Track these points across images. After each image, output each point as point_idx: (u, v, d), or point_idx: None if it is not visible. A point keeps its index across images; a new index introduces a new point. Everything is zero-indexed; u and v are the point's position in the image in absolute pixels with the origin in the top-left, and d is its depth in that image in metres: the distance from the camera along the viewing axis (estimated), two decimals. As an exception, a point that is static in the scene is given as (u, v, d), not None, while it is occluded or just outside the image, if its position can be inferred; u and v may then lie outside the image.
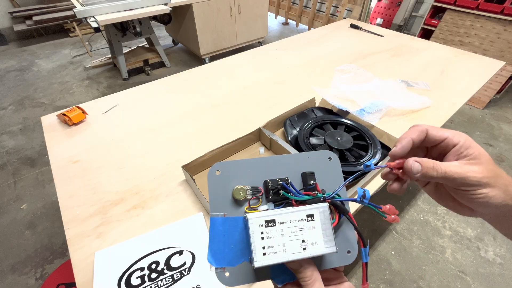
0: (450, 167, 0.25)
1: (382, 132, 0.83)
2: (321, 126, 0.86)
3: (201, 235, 0.60)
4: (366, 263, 0.27)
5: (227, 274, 0.26)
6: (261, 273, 0.27)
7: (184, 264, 0.55)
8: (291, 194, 0.28)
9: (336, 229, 0.28)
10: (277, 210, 0.26)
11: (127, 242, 0.59)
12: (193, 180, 0.66)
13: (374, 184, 0.74)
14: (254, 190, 0.28)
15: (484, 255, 1.38)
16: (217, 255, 0.26)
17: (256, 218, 0.25)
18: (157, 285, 0.52)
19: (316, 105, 0.97)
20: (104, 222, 0.64)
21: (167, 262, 0.56)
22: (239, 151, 0.84)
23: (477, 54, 1.40)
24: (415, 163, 0.26)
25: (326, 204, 0.26)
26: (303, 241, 0.25)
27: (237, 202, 0.28)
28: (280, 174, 0.29)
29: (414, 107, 0.99)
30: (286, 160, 0.30)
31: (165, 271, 0.54)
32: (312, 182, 0.29)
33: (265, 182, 0.28)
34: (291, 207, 0.27)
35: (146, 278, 0.53)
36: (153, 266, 0.55)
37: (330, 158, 0.31)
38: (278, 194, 0.28)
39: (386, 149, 0.80)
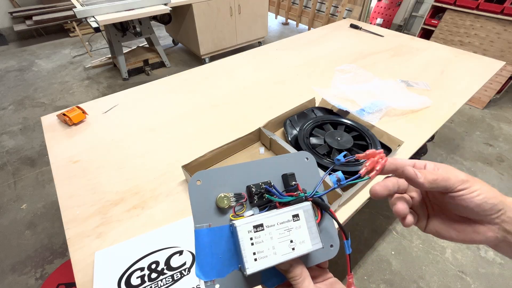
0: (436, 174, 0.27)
1: (382, 132, 0.83)
2: (321, 126, 0.86)
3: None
4: (349, 255, 0.28)
5: (217, 286, 0.25)
6: (252, 280, 0.27)
7: (184, 264, 0.55)
8: (275, 196, 0.28)
9: (319, 226, 0.29)
10: (264, 214, 0.26)
11: (127, 242, 0.59)
12: (193, 180, 0.66)
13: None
14: (238, 196, 0.28)
15: (484, 255, 1.38)
16: (205, 268, 0.25)
17: (244, 225, 0.25)
18: (157, 285, 0.52)
19: (316, 105, 0.97)
20: (104, 222, 0.64)
21: (167, 262, 0.56)
22: (239, 151, 0.84)
23: (477, 54, 1.40)
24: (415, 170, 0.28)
25: (309, 203, 0.27)
26: (291, 241, 0.25)
27: (221, 211, 0.27)
28: (261, 178, 0.29)
29: (414, 107, 0.99)
30: (265, 164, 0.30)
31: (165, 271, 0.54)
32: (293, 183, 0.29)
33: (248, 187, 0.28)
34: (275, 210, 0.27)
35: (146, 278, 0.53)
36: (153, 266, 0.55)
37: (307, 158, 0.31)
38: (262, 198, 0.28)
39: (386, 149, 0.80)
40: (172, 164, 0.78)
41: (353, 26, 1.72)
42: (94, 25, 2.08)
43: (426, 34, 2.70)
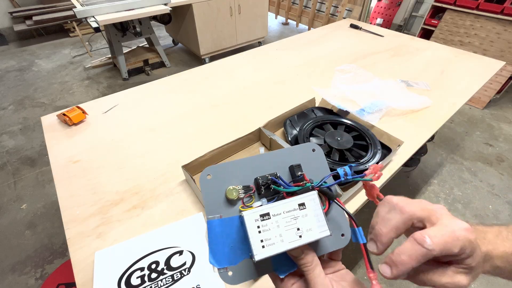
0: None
1: (382, 132, 0.83)
2: (321, 126, 0.86)
3: (201, 235, 0.60)
4: (365, 245, 0.26)
5: (230, 273, 0.27)
6: (263, 267, 0.28)
7: (184, 264, 0.55)
8: (281, 187, 0.29)
9: (328, 215, 0.30)
10: (270, 204, 0.27)
11: (127, 242, 0.59)
12: (193, 180, 0.66)
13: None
14: (246, 188, 0.29)
15: (484, 255, 1.37)
16: (218, 256, 0.27)
17: (251, 214, 0.26)
18: (157, 285, 0.52)
19: (316, 105, 0.97)
20: (104, 222, 0.64)
21: (167, 262, 0.56)
22: (239, 151, 0.84)
23: (477, 54, 1.39)
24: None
25: (315, 192, 0.28)
26: (298, 229, 0.26)
27: (231, 202, 0.29)
28: (269, 170, 0.30)
29: (414, 107, 0.99)
30: (272, 156, 0.31)
31: (165, 271, 0.54)
32: (299, 173, 0.30)
33: (256, 180, 0.29)
34: (283, 200, 0.28)
35: (146, 278, 0.53)
36: (153, 266, 0.55)
37: (313, 150, 0.32)
38: (269, 189, 0.29)
39: (386, 149, 0.80)
40: (172, 164, 0.78)
41: (353, 26, 1.72)
42: (94, 25, 2.08)
43: (426, 34, 2.70)
